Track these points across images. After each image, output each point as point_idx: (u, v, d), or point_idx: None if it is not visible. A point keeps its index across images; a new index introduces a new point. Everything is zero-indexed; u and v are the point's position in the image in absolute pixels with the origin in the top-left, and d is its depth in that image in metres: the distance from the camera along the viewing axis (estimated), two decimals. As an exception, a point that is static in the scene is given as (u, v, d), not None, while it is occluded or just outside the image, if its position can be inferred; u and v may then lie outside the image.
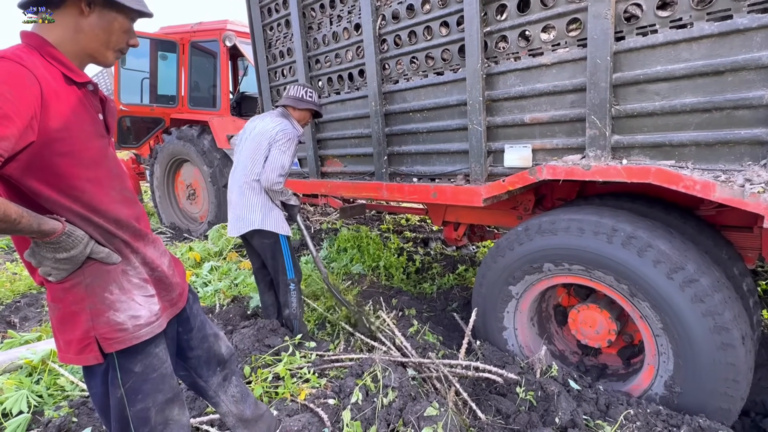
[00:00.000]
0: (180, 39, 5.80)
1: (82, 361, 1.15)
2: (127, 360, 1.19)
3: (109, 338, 1.13)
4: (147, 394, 1.23)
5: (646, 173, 1.71)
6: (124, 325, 1.15)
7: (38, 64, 1.03)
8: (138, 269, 1.23)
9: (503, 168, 2.23)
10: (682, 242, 1.82)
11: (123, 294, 1.17)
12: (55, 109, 1.03)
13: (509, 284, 2.27)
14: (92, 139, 1.14)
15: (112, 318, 1.14)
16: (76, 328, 1.13)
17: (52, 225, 1.02)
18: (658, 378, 1.90)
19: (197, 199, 6.04)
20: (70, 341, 1.14)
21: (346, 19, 2.81)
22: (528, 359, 2.23)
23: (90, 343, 1.13)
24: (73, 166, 1.08)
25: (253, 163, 2.52)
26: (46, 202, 1.07)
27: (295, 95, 2.65)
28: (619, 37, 1.76)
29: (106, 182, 1.17)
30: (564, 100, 1.96)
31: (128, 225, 1.21)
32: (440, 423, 1.68)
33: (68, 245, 1.06)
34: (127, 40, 1.22)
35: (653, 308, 1.81)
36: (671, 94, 1.67)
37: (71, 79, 1.10)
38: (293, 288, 2.65)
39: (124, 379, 1.19)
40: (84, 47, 1.14)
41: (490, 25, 2.11)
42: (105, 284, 1.14)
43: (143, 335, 1.19)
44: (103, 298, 1.14)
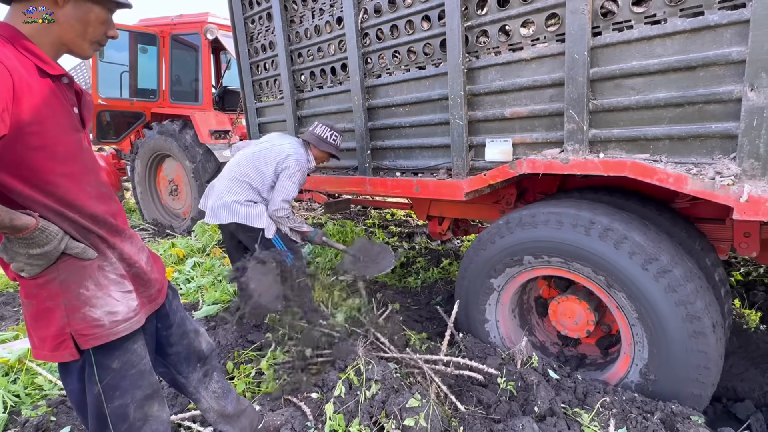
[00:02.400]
0: (160, 32, 5.68)
1: (57, 357, 1.14)
2: (104, 356, 1.18)
3: (85, 334, 1.12)
4: (125, 390, 1.22)
5: (622, 167, 1.75)
6: (100, 321, 1.13)
7: (10, 55, 1.01)
8: (115, 265, 1.21)
9: (485, 162, 2.25)
10: (657, 234, 1.86)
11: (99, 290, 1.15)
12: (28, 101, 1.01)
13: (491, 277, 2.30)
14: (67, 133, 1.11)
15: (88, 314, 1.12)
16: (50, 324, 1.11)
17: (24, 220, 1.00)
18: (633, 366, 1.95)
19: (180, 195, 5.95)
20: (44, 338, 1.13)
21: (328, 13, 2.79)
22: (509, 350, 2.27)
23: (65, 340, 1.11)
24: (46, 160, 1.06)
25: (257, 172, 2.53)
26: (19, 197, 1.05)
27: (320, 135, 2.65)
28: (596, 32, 1.78)
29: (81, 177, 1.15)
30: (543, 94, 1.98)
31: (104, 221, 1.19)
32: (422, 414, 1.70)
33: (42, 241, 1.04)
34: (105, 31, 1.19)
35: (629, 298, 1.86)
36: (646, 89, 1.71)
37: (45, 71, 1.07)
38: None
39: (102, 375, 1.18)
40: (59, 38, 1.11)
41: (471, 19, 2.12)
42: (80, 280, 1.13)
43: (120, 331, 1.17)
44: (78, 294, 1.12)
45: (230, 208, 2.49)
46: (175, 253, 4.35)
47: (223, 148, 5.30)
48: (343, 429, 1.74)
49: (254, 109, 3.64)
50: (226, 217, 2.51)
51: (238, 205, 2.49)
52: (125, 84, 5.95)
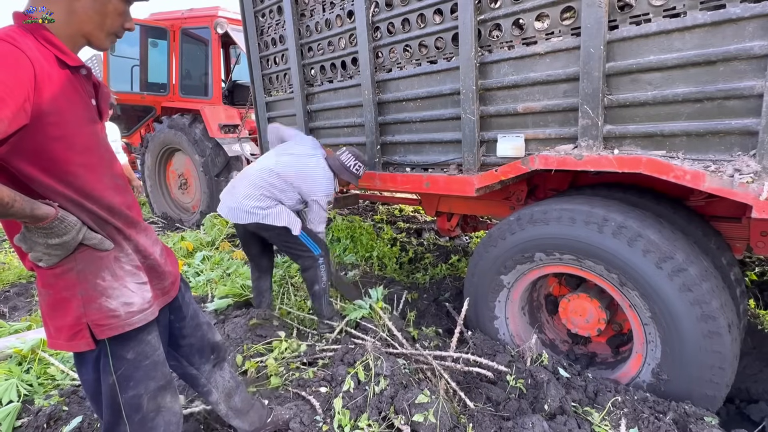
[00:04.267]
0: (170, 26, 5.70)
1: (73, 347, 1.14)
2: (120, 347, 1.18)
3: (101, 324, 1.13)
4: (139, 381, 1.22)
5: (637, 163, 1.72)
6: (116, 312, 1.14)
7: (32, 46, 1.01)
8: (131, 256, 1.22)
9: (496, 158, 2.23)
10: (672, 232, 1.83)
11: (115, 281, 1.16)
12: (48, 92, 1.02)
13: (501, 274, 2.28)
14: (85, 125, 1.12)
15: (105, 304, 1.13)
16: (67, 314, 1.12)
17: (44, 210, 1.01)
18: (645, 366, 1.93)
19: (189, 189, 5.99)
20: (60, 327, 1.13)
21: (339, 6, 2.77)
22: (519, 348, 2.25)
23: (81, 330, 1.12)
24: (65, 150, 1.07)
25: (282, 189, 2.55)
26: (39, 186, 1.05)
27: (345, 163, 2.63)
28: (613, 26, 1.75)
29: (98, 168, 1.16)
30: (557, 89, 1.95)
31: (120, 212, 1.20)
32: (431, 410, 1.70)
33: (60, 231, 1.05)
34: (122, 23, 1.19)
35: (642, 297, 1.83)
36: (663, 84, 1.67)
37: (64, 62, 1.08)
38: (322, 263, 2.66)
39: (116, 365, 1.18)
40: (78, 29, 1.12)
41: (484, 13, 2.09)
42: (97, 270, 1.13)
43: (136, 322, 1.18)
44: (95, 285, 1.12)
45: (250, 212, 2.49)
46: (184, 247, 4.38)
47: (232, 142, 5.31)
48: (352, 424, 1.74)
49: (264, 104, 3.64)
50: (245, 219, 2.51)
51: (259, 209, 2.50)
52: (136, 78, 5.97)
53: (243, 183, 2.59)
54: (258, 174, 2.57)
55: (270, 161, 2.62)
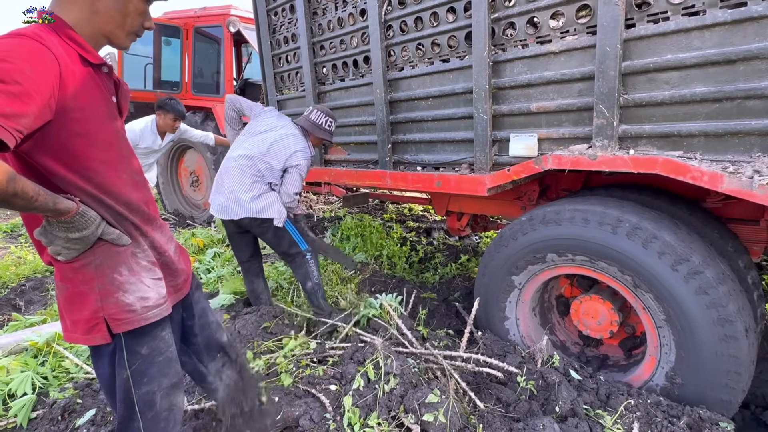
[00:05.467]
0: (183, 24, 5.74)
1: (89, 341, 1.16)
2: (135, 341, 1.20)
3: (117, 319, 1.14)
4: (153, 377, 1.24)
5: (653, 164, 1.69)
6: (132, 306, 1.16)
7: (56, 43, 1.03)
8: (147, 252, 1.23)
9: (508, 157, 2.21)
10: (688, 234, 1.80)
11: (132, 275, 1.17)
12: (72, 88, 1.04)
13: (512, 274, 2.26)
14: (106, 121, 1.15)
15: (121, 299, 1.15)
16: (84, 308, 1.13)
17: (66, 204, 1.03)
18: (659, 369, 1.90)
19: (200, 186, 6.04)
20: (77, 321, 1.15)
21: (352, 4, 2.77)
22: (529, 349, 2.23)
23: (98, 324, 1.14)
24: (87, 146, 1.09)
25: (268, 168, 2.53)
26: (61, 181, 1.07)
27: (316, 121, 2.65)
28: (630, 24, 1.73)
29: (117, 164, 1.18)
30: (571, 88, 1.93)
31: (138, 208, 1.22)
32: (441, 410, 1.69)
33: (81, 225, 1.07)
34: (142, 22, 1.21)
35: (656, 300, 1.80)
36: (681, 83, 1.65)
37: (87, 60, 1.10)
38: (310, 257, 2.67)
39: (131, 360, 1.20)
40: (100, 28, 1.14)
41: (498, 11, 2.08)
42: (114, 265, 1.15)
43: (152, 317, 1.19)
44: (112, 279, 1.14)
45: (244, 206, 2.49)
46: (195, 243, 4.42)
47: (243, 140, 5.34)
48: (362, 422, 1.74)
49: (275, 102, 3.65)
50: (238, 213, 2.51)
51: (252, 201, 2.50)
52: (149, 76, 6.03)
53: (229, 177, 2.58)
54: (239, 163, 2.56)
55: (244, 149, 2.60)
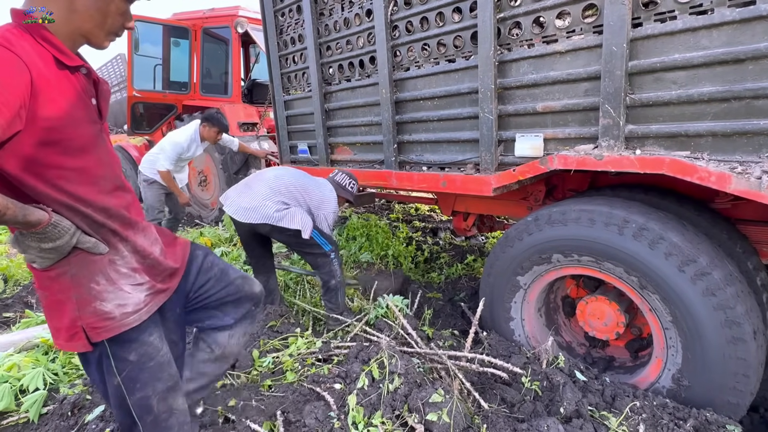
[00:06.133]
0: (192, 25, 5.80)
1: (72, 347, 1.15)
2: (121, 349, 1.18)
3: (95, 327, 1.12)
4: (145, 383, 1.22)
5: (659, 164, 1.68)
6: (110, 314, 1.13)
7: (29, 48, 0.99)
8: (126, 258, 1.20)
9: (514, 157, 2.21)
10: (695, 235, 1.79)
11: (110, 284, 1.14)
12: (45, 96, 0.99)
13: (517, 274, 2.26)
14: (83, 126, 1.10)
15: (99, 308, 1.12)
16: (63, 316, 1.12)
17: (38, 215, 0.99)
18: (665, 371, 1.89)
19: (208, 186, 6.09)
20: (59, 328, 1.14)
21: (358, 5, 2.78)
22: (534, 350, 2.23)
23: (77, 332, 1.12)
24: (60, 155, 1.05)
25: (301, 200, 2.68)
26: (32, 191, 1.04)
27: (341, 182, 2.91)
28: (637, 23, 1.71)
29: (95, 170, 1.13)
30: (578, 88, 1.92)
31: (118, 214, 1.18)
32: (445, 409, 1.69)
33: (54, 235, 1.03)
34: (123, 22, 1.16)
35: (663, 301, 1.79)
36: (689, 83, 1.63)
37: (63, 63, 1.05)
38: (334, 257, 2.73)
39: (120, 367, 1.18)
40: (78, 27, 1.08)
41: (504, 11, 2.07)
42: (91, 274, 1.12)
43: (131, 322, 1.16)
44: (89, 289, 1.11)
45: (268, 215, 2.54)
46: (203, 242, 4.46)
47: (251, 140, 5.38)
48: (366, 421, 1.75)
49: (282, 102, 3.67)
50: (258, 219, 2.56)
51: (276, 212, 2.56)
52: (158, 77, 6.10)
53: (262, 185, 2.65)
54: (276, 181, 2.67)
55: (283, 172, 2.79)
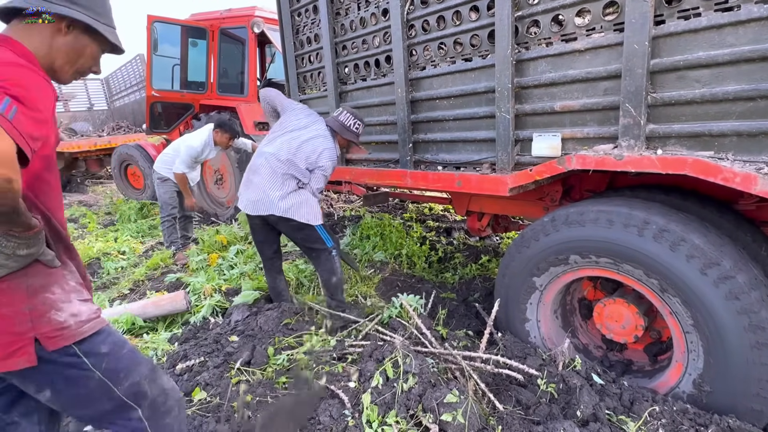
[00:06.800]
0: (210, 26, 5.87)
1: (9, 366, 1.06)
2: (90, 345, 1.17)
3: (51, 337, 1.10)
4: (129, 369, 1.22)
5: (682, 164, 1.64)
6: (65, 323, 1.13)
7: None
8: (74, 274, 1.22)
9: (531, 157, 2.19)
10: (718, 237, 1.74)
11: (63, 294, 1.15)
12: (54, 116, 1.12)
13: (533, 275, 2.24)
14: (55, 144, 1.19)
15: (54, 317, 1.11)
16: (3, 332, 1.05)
17: (34, 221, 1.04)
18: (686, 376, 1.85)
19: (224, 184, 6.17)
20: None
21: (374, 4, 2.78)
22: (550, 351, 2.20)
23: (23, 346, 1.06)
24: (44, 169, 1.13)
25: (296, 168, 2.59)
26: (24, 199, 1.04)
27: (344, 122, 2.70)
28: (659, 21, 1.68)
29: (56, 185, 1.21)
30: (597, 87, 1.90)
31: (66, 231, 1.24)
32: (460, 410, 1.69)
33: (33, 242, 1.05)
34: (91, 65, 1.26)
35: (684, 304, 1.75)
36: (713, 82, 1.59)
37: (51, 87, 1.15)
38: (335, 254, 2.73)
39: (96, 363, 1.16)
40: (51, 61, 1.17)
41: (522, 9, 2.05)
42: (48, 285, 1.12)
43: (86, 331, 1.16)
44: (44, 299, 1.11)
45: (273, 203, 2.55)
46: (219, 240, 4.52)
47: (266, 139, 5.42)
48: (380, 420, 1.75)
49: (298, 101, 3.69)
50: (266, 210, 2.57)
51: (281, 200, 2.55)
52: (176, 77, 6.19)
53: (259, 174, 2.64)
54: (270, 161, 2.61)
55: (274, 147, 2.65)
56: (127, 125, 11.15)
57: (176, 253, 4.42)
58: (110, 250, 4.77)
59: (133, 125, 10.98)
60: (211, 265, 3.92)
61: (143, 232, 5.72)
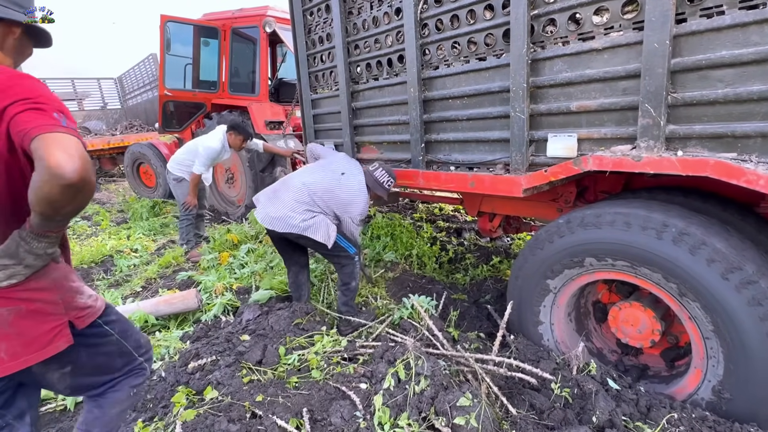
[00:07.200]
0: (222, 25, 5.90)
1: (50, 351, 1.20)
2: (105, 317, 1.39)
3: (81, 316, 1.28)
4: (132, 329, 1.51)
5: (703, 166, 1.61)
6: (88, 304, 1.32)
7: None
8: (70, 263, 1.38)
9: (546, 158, 2.15)
10: (740, 241, 1.70)
11: (78, 281, 1.32)
12: None
13: (547, 278, 2.20)
14: None
15: (80, 300, 1.29)
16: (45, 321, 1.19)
17: None
18: (705, 382, 1.81)
19: (235, 183, 6.20)
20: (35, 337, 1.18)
21: (387, 3, 2.76)
22: (564, 355, 2.17)
23: (61, 330, 1.22)
24: None
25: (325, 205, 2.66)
26: None
27: (378, 179, 2.78)
28: (681, 19, 1.64)
29: None
30: (615, 87, 1.86)
31: None
32: (473, 414, 1.67)
33: (56, 242, 1.17)
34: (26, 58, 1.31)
35: (704, 309, 1.71)
36: (737, 81, 1.55)
37: None
38: (357, 260, 2.76)
39: (113, 327, 1.40)
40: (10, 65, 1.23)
41: (538, 7, 2.02)
42: (66, 276, 1.26)
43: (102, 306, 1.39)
44: (69, 288, 1.26)
45: (294, 225, 2.57)
46: (230, 239, 4.54)
47: (277, 138, 5.44)
48: (392, 422, 1.74)
49: (310, 101, 3.69)
50: (284, 229, 2.59)
51: (302, 222, 2.58)
52: (189, 76, 6.24)
53: (288, 194, 2.68)
54: (302, 189, 2.67)
55: (312, 178, 2.73)
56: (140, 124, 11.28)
57: (189, 252, 4.45)
58: (123, 248, 4.82)
59: (146, 124, 11.10)
60: (222, 263, 3.94)
61: (155, 230, 5.77)
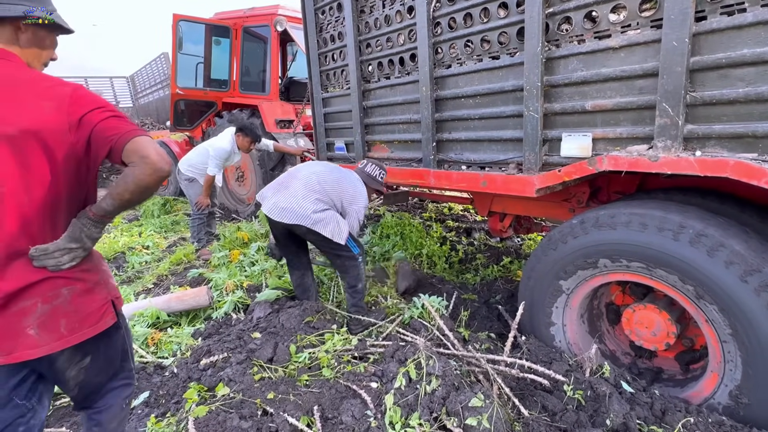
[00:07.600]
0: (233, 24, 5.93)
1: (102, 326, 1.28)
2: None
3: (118, 297, 1.37)
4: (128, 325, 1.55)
5: (723, 166, 1.58)
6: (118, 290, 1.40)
7: None
8: None
9: (559, 157, 2.13)
10: (760, 243, 1.67)
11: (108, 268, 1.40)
12: None
13: (560, 279, 2.18)
14: None
15: (113, 283, 1.37)
16: (94, 299, 1.26)
17: None
18: (722, 387, 1.78)
19: (245, 182, 6.23)
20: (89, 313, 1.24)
21: (400, 2, 2.76)
22: (576, 357, 2.15)
23: (107, 308, 1.30)
24: None
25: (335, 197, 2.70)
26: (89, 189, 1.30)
27: (371, 173, 2.88)
28: (700, 17, 1.61)
29: None
30: (632, 86, 1.83)
31: None
32: (485, 415, 1.66)
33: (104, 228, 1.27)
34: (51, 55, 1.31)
35: (722, 312, 1.68)
36: (759, 80, 1.52)
37: None
38: (361, 261, 2.76)
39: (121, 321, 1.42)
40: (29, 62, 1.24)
41: (553, 5, 2.00)
42: (99, 260, 1.35)
43: None
44: (104, 271, 1.35)
45: (305, 215, 2.56)
46: (240, 237, 4.57)
47: (287, 137, 5.46)
48: (403, 421, 1.74)
49: (320, 99, 3.70)
50: (294, 220, 2.57)
51: (313, 213, 2.57)
52: (200, 75, 6.28)
53: (298, 183, 2.66)
54: (312, 178, 2.67)
55: (320, 167, 2.78)
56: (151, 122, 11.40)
57: (200, 249, 4.49)
58: (135, 245, 4.87)
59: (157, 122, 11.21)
60: (232, 261, 3.96)
61: (166, 227, 5.83)
